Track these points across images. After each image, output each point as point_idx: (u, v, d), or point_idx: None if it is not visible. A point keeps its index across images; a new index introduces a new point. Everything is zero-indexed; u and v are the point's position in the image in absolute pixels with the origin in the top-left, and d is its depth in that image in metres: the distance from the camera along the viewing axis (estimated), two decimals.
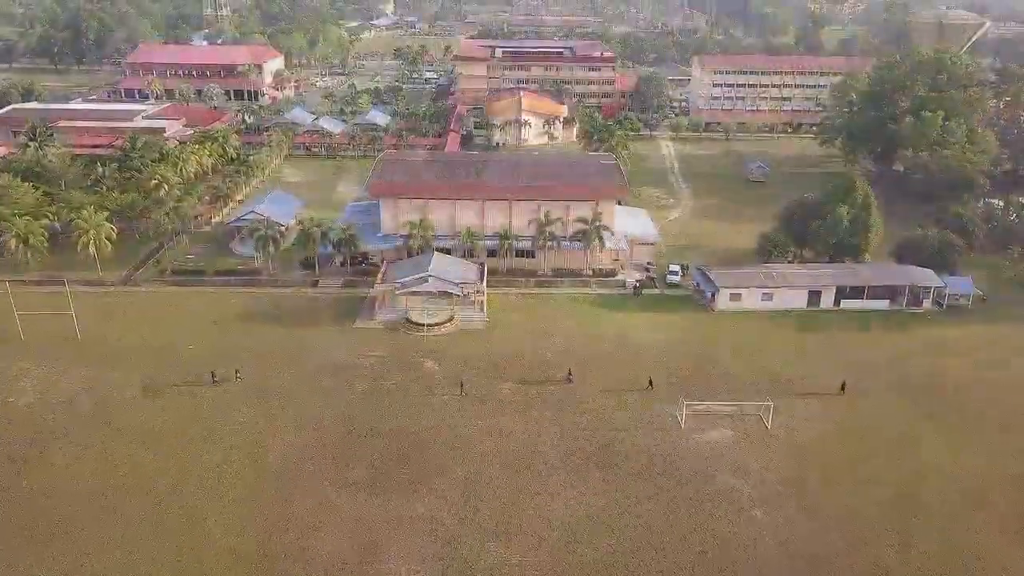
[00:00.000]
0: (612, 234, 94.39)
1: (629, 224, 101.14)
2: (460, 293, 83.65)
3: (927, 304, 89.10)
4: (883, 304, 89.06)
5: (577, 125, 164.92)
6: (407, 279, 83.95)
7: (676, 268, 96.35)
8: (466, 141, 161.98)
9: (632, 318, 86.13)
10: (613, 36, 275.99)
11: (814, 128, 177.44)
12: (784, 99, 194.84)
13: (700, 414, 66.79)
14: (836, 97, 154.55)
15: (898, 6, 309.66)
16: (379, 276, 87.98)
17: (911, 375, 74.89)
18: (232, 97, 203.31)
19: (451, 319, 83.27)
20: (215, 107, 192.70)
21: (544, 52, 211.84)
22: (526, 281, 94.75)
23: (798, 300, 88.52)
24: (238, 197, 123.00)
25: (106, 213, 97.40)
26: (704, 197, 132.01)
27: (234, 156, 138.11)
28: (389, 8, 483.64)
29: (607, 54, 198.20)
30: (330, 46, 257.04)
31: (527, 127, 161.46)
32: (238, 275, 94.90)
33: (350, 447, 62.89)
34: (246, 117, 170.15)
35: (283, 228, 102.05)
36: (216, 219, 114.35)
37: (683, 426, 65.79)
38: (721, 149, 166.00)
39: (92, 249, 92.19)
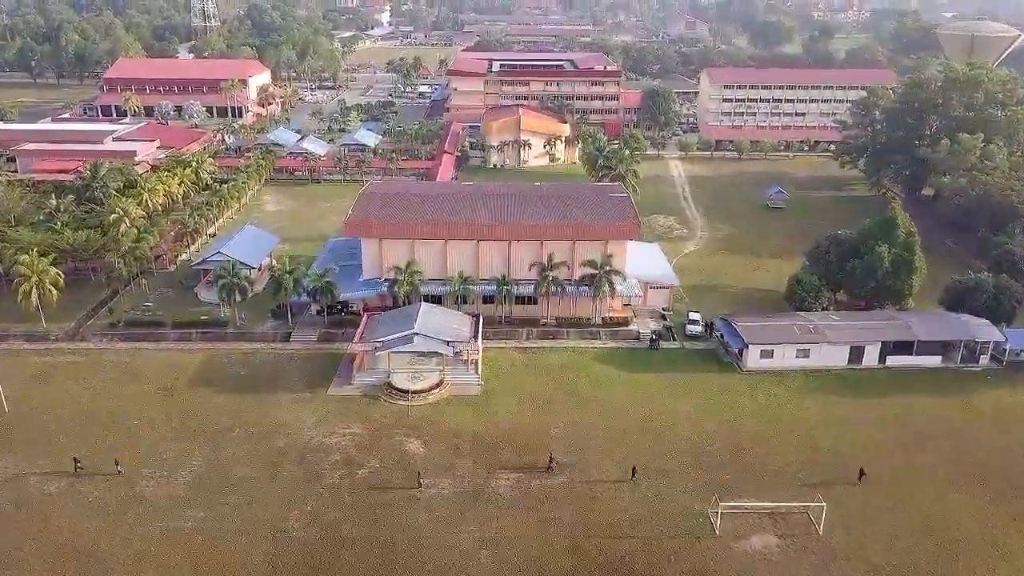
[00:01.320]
0: (624, 279, 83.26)
1: (642, 263, 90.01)
2: (451, 353, 72.49)
3: (984, 361, 78.02)
4: (935, 361, 77.95)
5: (580, 145, 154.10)
6: (390, 338, 72.77)
7: (696, 317, 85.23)
8: (461, 163, 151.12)
9: (649, 380, 74.88)
10: (614, 47, 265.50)
11: (832, 147, 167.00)
12: (798, 114, 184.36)
13: (737, 512, 55.54)
14: (858, 114, 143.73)
15: (909, 15, 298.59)
16: (358, 332, 76.75)
17: (981, 456, 63.71)
18: (215, 114, 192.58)
19: (440, 383, 72.11)
20: (195, 125, 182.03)
21: (544, 65, 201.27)
22: (527, 332, 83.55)
23: (838, 357, 77.34)
24: (210, 230, 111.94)
25: (54, 255, 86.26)
26: (720, 226, 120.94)
27: (209, 183, 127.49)
28: (385, 17, 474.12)
29: (611, 67, 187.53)
30: (321, 59, 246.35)
31: (527, 148, 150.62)
32: (201, 327, 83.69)
33: (314, 564, 51.58)
34: (226, 137, 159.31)
35: (254, 271, 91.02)
36: (184, 256, 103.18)
37: (718, 530, 54.55)
38: (734, 170, 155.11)
39: (35, 298, 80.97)
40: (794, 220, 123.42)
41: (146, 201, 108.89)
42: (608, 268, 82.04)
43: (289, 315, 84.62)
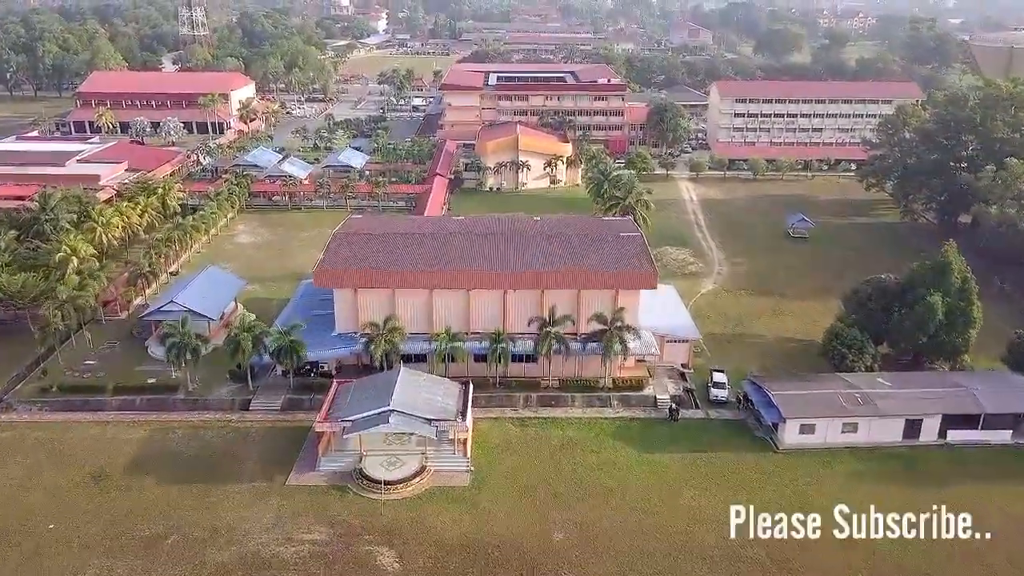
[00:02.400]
0: (638, 336, 71.69)
1: (657, 310, 78.29)
2: (435, 436, 60.90)
3: None
4: (1004, 436, 66.36)
5: (583, 166, 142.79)
6: (361, 416, 61.17)
7: (722, 379, 73.70)
8: (455, 186, 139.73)
9: (670, 464, 63.23)
10: (617, 57, 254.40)
11: (853, 166, 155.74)
12: (815, 130, 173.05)
13: None
14: (885, 132, 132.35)
15: (924, 23, 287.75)
16: (324, 404, 65.12)
17: None
18: (195, 130, 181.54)
19: (422, 470, 60.55)
20: (173, 143, 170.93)
21: (544, 78, 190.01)
22: (526, 399, 71.86)
23: (891, 432, 65.84)
24: (172, 268, 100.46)
25: None
26: (739, 260, 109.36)
27: (177, 211, 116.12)
28: (382, 25, 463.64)
29: (615, 80, 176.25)
30: (310, 70, 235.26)
31: (525, 169, 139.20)
32: (147, 393, 72.11)
33: None
34: (202, 158, 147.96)
35: (213, 323, 79.59)
36: (140, 300, 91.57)
37: None
38: (750, 192, 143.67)
39: None
40: (820, 252, 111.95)
41: (100, 237, 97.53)
42: (619, 324, 70.53)
43: (250, 378, 73.04)
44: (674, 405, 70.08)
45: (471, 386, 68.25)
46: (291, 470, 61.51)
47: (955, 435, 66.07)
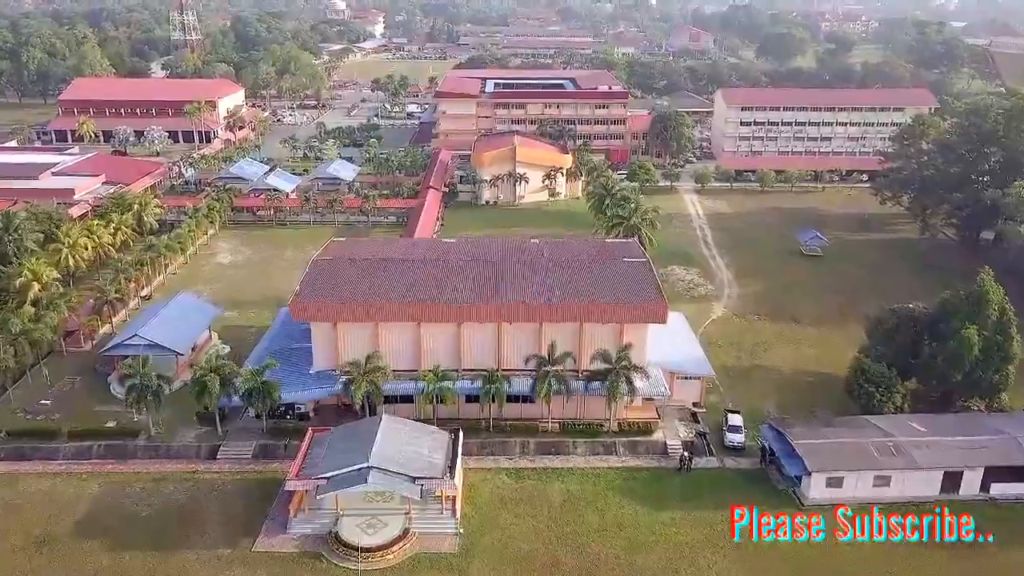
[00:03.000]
0: (646, 375, 65.15)
1: (665, 343, 71.51)
2: (419, 496, 54.27)
3: None
4: None
5: (584, 178, 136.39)
6: (336, 473, 54.53)
7: (738, 422, 67.15)
8: (449, 199, 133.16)
9: (683, 524, 56.53)
10: (617, 62, 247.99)
11: (866, 177, 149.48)
12: (824, 139, 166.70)
13: None
14: (902, 143, 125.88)
15: (932, 26, 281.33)
16: (297, 458, 58.44)
17: None
18: (181, 139, 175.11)
19: (405, 534, 53.91)
20: (157, 152, 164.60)
21: (543, 85, 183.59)
22: (523, 445, 65.20)
23: (928, 486, 59.28)
24: (144, 292, 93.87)
25: None
26: (750, 280, 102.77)
27: (154, 228, 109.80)
28: (379, 29, 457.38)
29: (616, 87, 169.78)
30: (302, 76, 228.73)
31: (523, 182, 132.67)
32: (105, 438, 65.42)
33: None
34: (184, 170, 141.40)
35: (181, 358, 73.03)
36: (107, 328, 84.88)
37: None
38: (758, 205, 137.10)
39: None
40: (836, 272, 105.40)
41: (67, 259, 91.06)
42: (626, 363, 63.97)
43: (219, 420, 66.42)
44: (686, 454, 63.42)
45: (461, 434, 61.52)
46: (259, 533, 54.86)
47: (999, 488, 59.53)
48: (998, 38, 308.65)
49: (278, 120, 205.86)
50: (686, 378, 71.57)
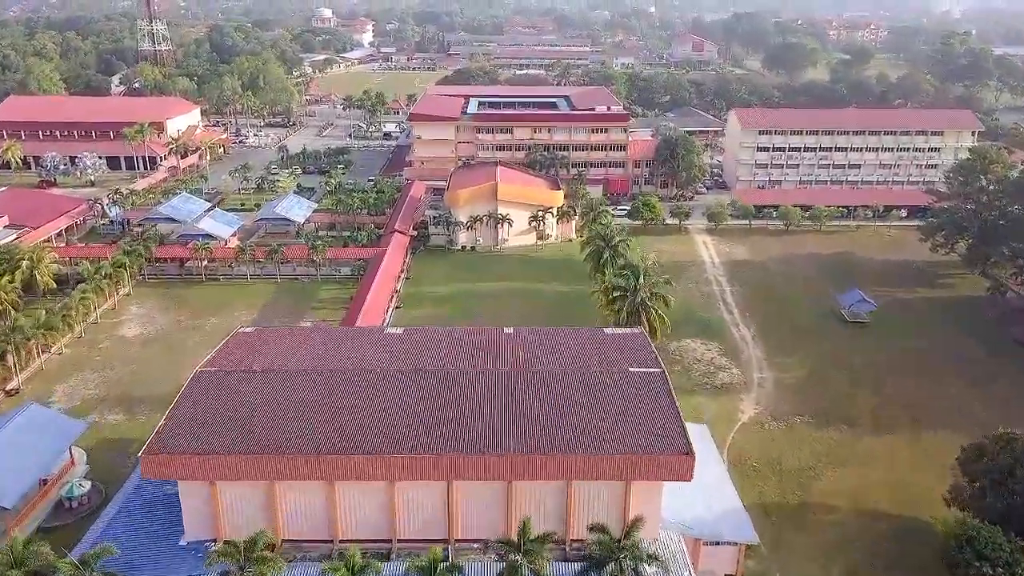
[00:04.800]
0: (664, 568, 44.27)
1: (684, 489, 50.57)
2: None
3: None
4: None
5: (577, 218, 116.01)
6: None
7: None
8: (418, 244, 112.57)
9: None
10: (617, 76, 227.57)
11: (904, 213, 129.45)
12: (852, 166, 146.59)
13: None
14: (958, 180, 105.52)
15: (957, 37, 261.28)
16: None
17: None
18: (123, 166, 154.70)
19: None
20: (91, 182, 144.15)
21: (534, 103, 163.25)
22: None
23: None
24: (10, 385, 73.06)
25: None
26: (785, 360, 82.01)
27: (50, 287, 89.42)
28: (367, 38, 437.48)
29: (616, 107, 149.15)
30: (271, 91, 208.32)
31: (506, 224, 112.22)
32: None
33: None
34: (107, 208, 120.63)
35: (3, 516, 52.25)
36: None
37: None
38: (783, 249, 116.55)
39: None
40: (890, 348, 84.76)
41: None
42: (632, 545, 43.20)
43: None
44: None
45: None
46: None
47: None
48: (1010, 47, 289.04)
49: (240, 142, 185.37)
50: (716, 544, 50.85)
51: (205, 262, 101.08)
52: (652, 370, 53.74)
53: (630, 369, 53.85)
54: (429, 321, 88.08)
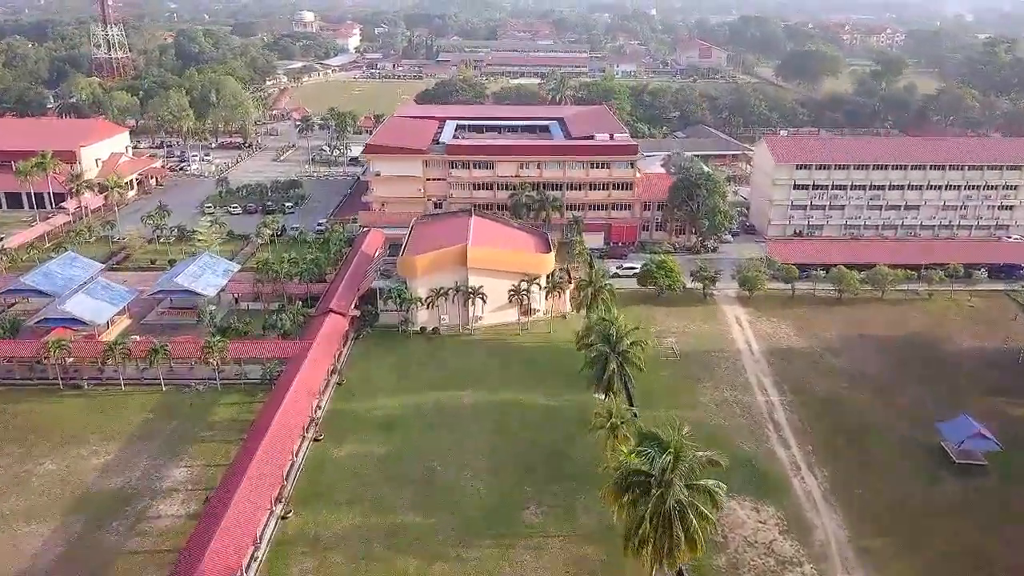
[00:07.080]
0: None
1: None
2: None
3: None
4: None
5: (571, 287, 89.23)
6: None
7: None
8: (364, 326, 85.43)
9: None
10: (619, 90, 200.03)
11: (986, 274, 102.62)
12: (908, 207, 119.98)
13: None
14: None
15: (1001, 44, 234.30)
16: None
17: None
18: (25, 204, 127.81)
19: None
20: None
21: (522, 126, 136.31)
22: None
23: None
24: None
25: None
26: (882, 542, 54.90)
27: None
28: (353, 43, 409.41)
29: (621, 135, 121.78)
30: (223, 108, 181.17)
31: (479, 299, 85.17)
32: None
33: None
34: None
35: None
36: None
37: None
38: (840, 329, 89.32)
39: None
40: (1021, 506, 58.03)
41: None
42: None
43: None
44: None
45: None
46: None
47: None
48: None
49: (181, 169, 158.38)
50: None
51: (60, 362, 73.91)
52: None
53: None
54: (358, 470, 61.34)
